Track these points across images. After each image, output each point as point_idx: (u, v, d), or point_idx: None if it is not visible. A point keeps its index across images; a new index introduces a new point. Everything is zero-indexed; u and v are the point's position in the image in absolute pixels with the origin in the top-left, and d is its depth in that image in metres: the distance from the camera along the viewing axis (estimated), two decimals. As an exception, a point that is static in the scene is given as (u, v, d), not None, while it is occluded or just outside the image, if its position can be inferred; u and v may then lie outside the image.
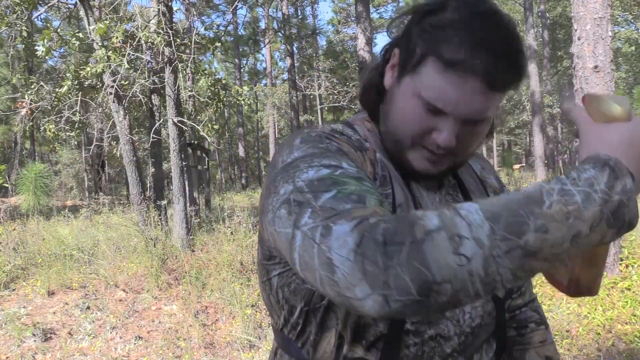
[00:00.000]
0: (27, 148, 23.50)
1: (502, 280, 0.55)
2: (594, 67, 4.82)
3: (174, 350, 3.89)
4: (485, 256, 0.54)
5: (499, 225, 0.54)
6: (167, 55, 6.85)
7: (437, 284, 0.53)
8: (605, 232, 0.56)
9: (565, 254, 0.56)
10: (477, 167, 1.00)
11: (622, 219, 0.56)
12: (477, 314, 0.86)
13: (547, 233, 0.54)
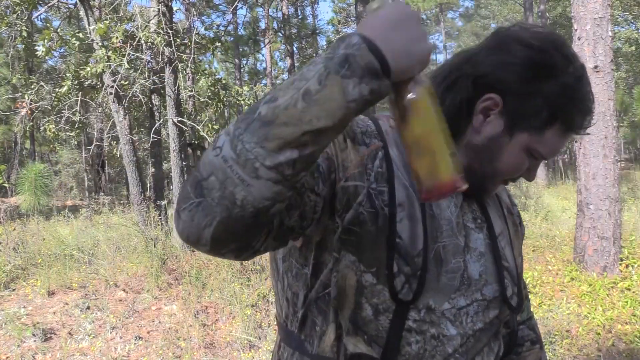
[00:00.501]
0: (27, 148, 23.50)
1: (257, 157, 0.59)
2: (594, 67, 4.82)
3: (174, 350, 3.89)
4: (231, 139, 0.60)
5: (241, 116, 0.62)
6: (167, 55, 6.85)
7: (204, 180, 0.60)
8: (342, 83, 0.59)
9: (309, 113, 0.58)
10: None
11: (357, 67, 0.59)
12: (479, 319, 0.87)
13: (275, 101, 0.60)
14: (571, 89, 0.81)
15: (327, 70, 0.59)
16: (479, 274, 0.87)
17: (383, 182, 0.82)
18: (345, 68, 0.59)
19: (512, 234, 0.98)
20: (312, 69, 0.60)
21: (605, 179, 4.82)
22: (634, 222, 6.69)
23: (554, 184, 15.91)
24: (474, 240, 0.89)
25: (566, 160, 29.35)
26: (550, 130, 0.82)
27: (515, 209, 1.06)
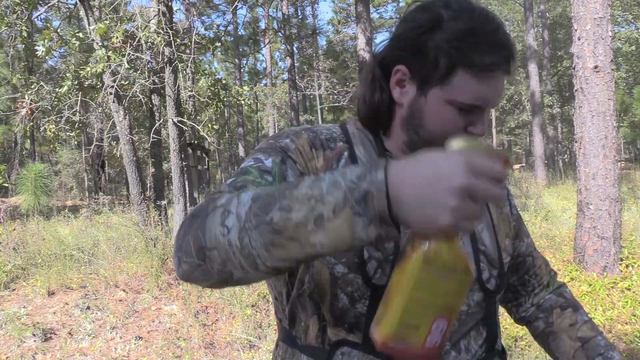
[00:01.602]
0: (27, 148, 23.49)
1: (260, 256, 0.62)
2: (594, 67, 4.82)
3: (174, 351, 3.89)
4: (240, 228, 0.62)
5: (256, 204, 0.63)
6: (167, 55, 6.85)
7: (208, 250, 0.64)
8: (352, 220, 0.58)
9: (315, 237, 0.59)
10: None
11: (371, 209, 0.58)
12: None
13: (290, 212, 0.60)
14: (462, 33, 0.81)
15: (345, 203, 0.58)
16: None
17: None
18: (360, 205, 0.58)
19: (495, 217, 0.98)
20: (334, 192, 0.59)
21: (605, 179, 4.82)
22: (634, 222, 6.69)
23: (554, 184, 15.92)
24: None
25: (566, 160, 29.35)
26: (456, 77, 0.82)
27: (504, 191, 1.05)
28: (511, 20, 28.07)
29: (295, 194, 0.61)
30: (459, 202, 0.55)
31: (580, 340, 0.99)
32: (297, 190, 0.62)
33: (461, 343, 0.87)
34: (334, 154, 0.89)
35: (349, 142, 0.92)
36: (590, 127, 4.85)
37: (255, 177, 0.80)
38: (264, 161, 0.83)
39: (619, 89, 18.24)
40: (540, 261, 1.10)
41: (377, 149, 0.92)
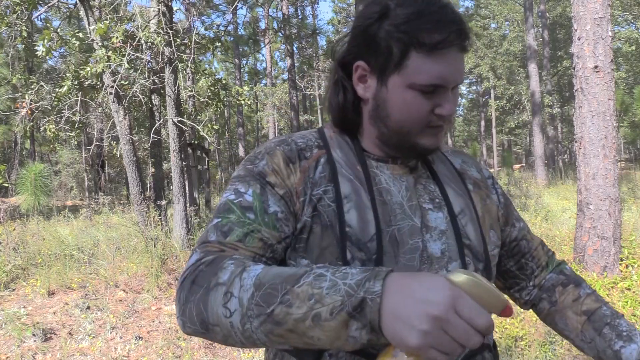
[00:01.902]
0: (27, 148, 23.49)
1: (260, 339, 0.68)
2: (594, 67, 4.82)
3: (174, 351, 3.89)
4: (242, 314, 0.67)
5: (259, 293, 0.67)
6: (167, 55, 6.85)
7: (210, 325, 0.71)
8: (348, 323, 0.62)
9: (312, 332, 0.64)
10: (458, 161, 1.04)
11: (365, 316, 0.62)
12: None
13: (290, 307, 0.65)
14: (409, 17, 0.83)
15: (342, 307, 0.62)
16: (441, 251, 0.89)
17: (327, 183, 0.88)
18: (357, 311, 0.62)
19: (480, 209, 0.98)
20: (332, 295, 0.63)
21: (605, 179, 4.82)
22: (634, 222, 6.69)
23: (554, 184, 15.92)
24: (433, 220, 0.90)
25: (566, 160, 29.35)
26: (410, 60, 0.83)
27: (489, 180, 1.06)
28: (511, 20, 28.07)
29: (297, 291, 0.65)
30: (430, 328, 0.58)
31: (585, 314, 0.99)
32: (299, 286, 0.66)
33: None
34: (310, 163, 0.90)
35: (326, 147, 0.93)
36: (590, 127, 4.85)
37: (239, 216, 0.84)
38: (244, 195, 0.86)
39: (619, 89, 18.24)
40: (536, 243, 1.10)
41: (355, 149, 0.93)
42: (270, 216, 0.85)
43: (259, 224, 0.84)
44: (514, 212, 1.08)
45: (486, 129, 37.67)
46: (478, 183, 1.02)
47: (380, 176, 0.92)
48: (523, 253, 1.07)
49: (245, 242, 0.82)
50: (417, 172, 0.95)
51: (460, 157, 1.06)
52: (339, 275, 0.65)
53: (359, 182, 0.89)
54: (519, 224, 1.08)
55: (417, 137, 0.89)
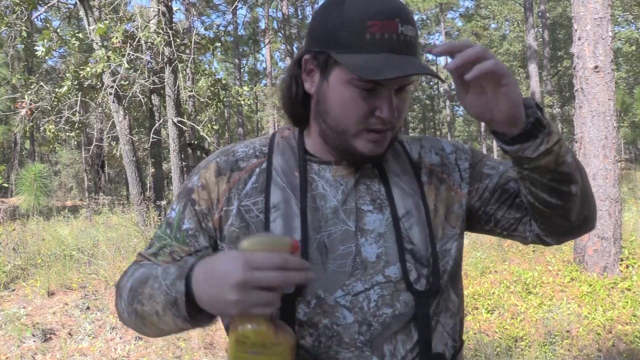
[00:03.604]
0: (27, 148, 23.49)
1: (150, 330, 0.85)
2: (594, 67, 4.81)
3: (173, 351, 3.89)
4: (127, 311, 0.86)
5: (130, 294, 0.85)
6: (167, 55, 6.85)
7: (125, 322, 0.90)
8: (172, 318, 0.77)
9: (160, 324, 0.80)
10: (416, 149, 0.97)
11: (181, 311, 0.75)
12: (386, 302, 0.83)
13: (143, 306, 0.81)
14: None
15: (165, 305, 0.76)
16: (377, 255, 0.85)
17: (257, 194, 0.90)
18: (173, 309, 0.76)
19: (432, 202, 0.91)
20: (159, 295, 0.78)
21: (606, 179, 4.82)
22: (634, 223, 6.69)
23: (554, 184, 15.89)
24: (370, 222, 0.87)
25: (566, 160, 29.32)
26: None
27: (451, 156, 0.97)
28: (511, 21, 28.07)
29: (145, 291, 0.81)
30: (239, 295, 0.67)
31: None
32: (146, 287, 0.81)
33: (385, 347, 0.83)
34: (242, 175, 0.91)
35: (269, 154, 0.93)
36: (591, 127, 4.85)
37: (162, 231, 0.95)
38: (172, 212, 0.95)
39: (619, 89, 18.24)
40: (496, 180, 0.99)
41: (299, 153, 0.91)
42: (182, 232, 0.92)
43: (171, 239, 0.93)
44: (484, 166, 0.97)
45: (486, 129, 37.49)
46: (433, 170, 0.94)
47: (318, 181, 0.89)
48: (516, 194, 0.95)
49: (158, 255, 0.94)
50: (362, 171, 0.90)
51: (419, 144, 0.98)
52: (163, 275, 0.79)
53: (291, 189, 0.88)
54: (495, 170, 0.97)
55: (353, 139, 0.85)
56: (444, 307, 0.89)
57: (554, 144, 0.79)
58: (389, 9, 0.80)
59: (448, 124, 34.98)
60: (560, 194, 0.85)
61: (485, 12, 30.61)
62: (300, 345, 0.83)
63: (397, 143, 0.97)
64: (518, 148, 0.79)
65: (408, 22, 0.81)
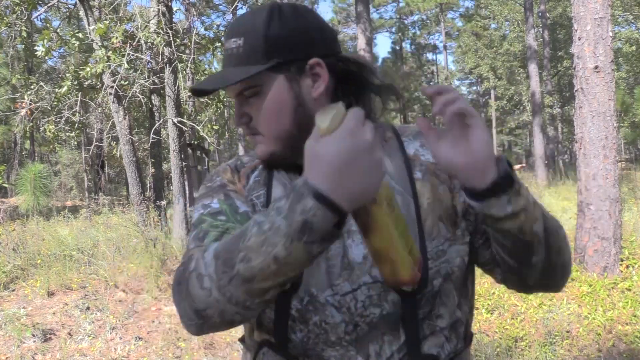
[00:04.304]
0: (26, 148, 23.49)
1: (247, 300, 0.71)
2: (594, 67, 4.81)
3: (173, 351, 3.89)
4: (218, 286, 0.70)
5: (219, 262, 0.70)
6: (167, 55, 6.85)
7: (202, 311, 0.73)
8: (304, 247, 0.65)
9: (282, 271, 0.67)
10: (415, 145, 0.94)
11: (315, 232, 0.64)
12: (373, 302, 0.83)
13: (250, 261, 0.67)
14: None
15: (290, 238, 0.64)
16: (363, 256, 0.84)
17: (260, 187, 0.92)
18: (306, 235, 0.64)
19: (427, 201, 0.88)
20: (277, 234, 0.65)
21: (606, 179, 4.82)
22: (635, 223, 6.69)
23: (555, 184, 15.91)
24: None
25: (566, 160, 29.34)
26: None
27: None
28: (511, 21, 28.06)
29: (249, 244, 0.68)
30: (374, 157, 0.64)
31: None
32: (248, 239, 0.68)
33: (370, 347, 0.83)
34: (247, 170, 0.95)
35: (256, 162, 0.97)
36: (591, 127, 4.85)
37: (210, 222, 0.86)
38: (211, 205, 0.89)
39: (619, 89, 18.23)
40: None
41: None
42: (242, 215, 0.87)
43: (232, 223, 0.86)
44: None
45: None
46: (431, 168, 0.91)
47: None
48: None
49: (224, 236, 0.83)
50: None
51: (421, 140, 0.95)
52: (273, 213, 0.67)
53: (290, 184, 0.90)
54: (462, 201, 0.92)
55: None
56: (442, 310, 0.87)
57: (521, 209, 0.77)
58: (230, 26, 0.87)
59: (448, 124, 34.97)
60: (519, 259, 0.83)
61: (485, 12, 30.61)
62: (290, 340, 0.85)
63: (394, 139, 0.94)
64: (484, 205, 0.75)
65: (232, 36, 0.85)
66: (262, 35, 0.83)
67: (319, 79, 0.86)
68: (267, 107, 0.85)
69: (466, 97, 41.83)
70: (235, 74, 0.83)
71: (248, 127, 0.88)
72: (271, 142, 0.88)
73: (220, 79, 0.85)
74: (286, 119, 0.85)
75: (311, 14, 0.90)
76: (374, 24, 32.28)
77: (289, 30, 0.84)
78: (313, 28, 0.87)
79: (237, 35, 0.84)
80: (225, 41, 0.86)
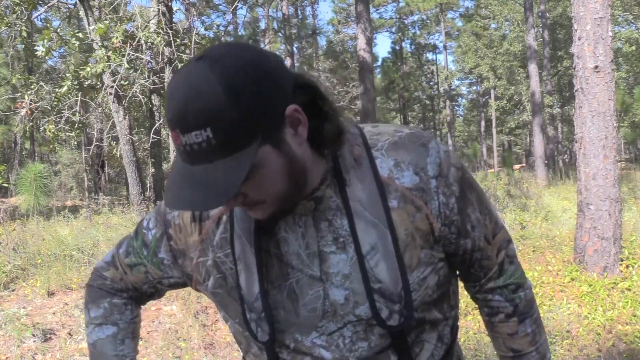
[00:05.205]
0: (27, 148, 23.50)
1: None
2: (594, 67, 4.81)
3: (173, 351, 3.89)
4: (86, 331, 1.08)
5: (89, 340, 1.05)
6: (167, 55, 6.85)
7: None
8: None
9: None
10: (389, 164, 0.85)
11: None
12: (360, 338, 0.84)
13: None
14: None
15: None
16: (345, 297, 0.83)
17: (227, 246, 0.89)
18: None
19: (404, 232, 0.83)
20: None
21: (606, 179, 4.82)
22: (634, 223, 6.69)
23: (554, 184, 15.91)
24: (334, 265, 0.83)
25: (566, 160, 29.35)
26: None
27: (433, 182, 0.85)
28: (511, 21, 28.07)
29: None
30: None
31: (513, 352, 0.99)
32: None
33: None
34: (210, 225, 0.90)
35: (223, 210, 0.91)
36: (591, 127, 4.85)
37: (139, 247, 0.97)
38: (150, 231, 0.96)
39: (619, 89, 18.23)
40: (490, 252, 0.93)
41: None
42: (158, 259, 0.96)
43: (147, 261, 0.97)
44: (468, 222, 0.89)
45: (486, 129, 37.66)
46: (407, 195, 0.84)
47: (280, 223, 0.85)
48: (472, 264, 0.94)
49: (133, 270, 0.99)
50: (323, 205, 0.84)
51: (395, 157, 0.86)
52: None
53: (247, 237, 0.86)
54: (474, 233, 0.90)
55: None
56: (427, 328, 0.89)
57: None
58: (170, 118, 0.70)
59: (448, 124, 34.97)
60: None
61: (485, 12, 30.61)
62: None
63: (365, 157, 0.86)
64: None
65: (189, 129, 0.68)
66: (234, 118, 0.68)
67: (299, 123, 0.76)
68: (265, 181, 0.76)
69: (466, 97, 41.85)
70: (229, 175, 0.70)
71: (244, 203, 0.79)
72: (272, 205, 0.80)
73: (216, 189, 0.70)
74: (284, 181, 0.77)
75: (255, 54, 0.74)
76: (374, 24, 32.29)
77: (256, 95, 0.70)
78: (270, 72, 0.73)
79: (197, 128, 0.68)
80: (178, 134, 0.69)
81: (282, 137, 0.75)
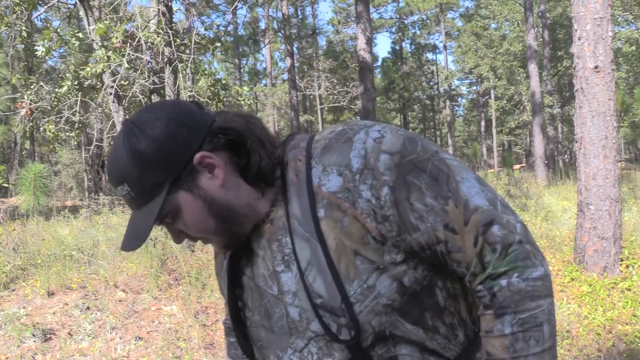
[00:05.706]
0: (26, 148, 23.49)
1: None
2: (594, 67, 4.81)
3: (174, 351, 3.88)
4: None
5: None
6: (167, 55, 6.85)
7: None
8: None
9: None
10: (318, 172, 0.83)
11: None
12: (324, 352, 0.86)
13: None
14: None
15: None
16: (298, 314, 0.85)
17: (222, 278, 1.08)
18: None
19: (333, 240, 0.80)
20: None
21: (606, 179, 4.82)
22: (635, 223, 6.69)
23: (554, 184, 15.91)
24: (285, 283, 0.86)
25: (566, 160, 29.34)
26: None
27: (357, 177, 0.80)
28: (511, 21, 28.05)
29: None
30: None
31: (487, 355, 0.81)
32: None
33: None
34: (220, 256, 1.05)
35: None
36: (591, 127, 4.85)
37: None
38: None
39: (619, 89, 18.23)
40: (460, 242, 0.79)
41: None
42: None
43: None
44: (412, 208, 0.79)
45: (486, 129, 37.65)
46: (332, 200, 0.81)
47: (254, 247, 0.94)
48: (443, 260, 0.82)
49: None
50: (274, 226, 0.88)
51: (323, 162, 0.83)
52: None
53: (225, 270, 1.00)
54: (424, 225, 0.79)
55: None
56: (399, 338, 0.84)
57: None
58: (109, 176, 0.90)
59: (448, 124, 34.96)
60: None
61: (485, 12, 30.61)
62: None
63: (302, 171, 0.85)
64: None
65: (116, 184, 0.87)
66: (138, 175, 0.83)
67: (214, 167, 0.84)
68: (190, 222, 0.86)
69: (466, 97, 41.83)
70: (144, 221, 0.84)
71: (191, 239, 0.91)
72: (217, 239, 0.90)
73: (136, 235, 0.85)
74: (210, 220, 0.86)
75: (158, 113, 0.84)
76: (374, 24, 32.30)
77: (158, 152, 0.81)
78: (176, 131, 0.82)
79: (119, 183, 0.86)
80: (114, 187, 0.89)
81: (196, 182, 0.84)
